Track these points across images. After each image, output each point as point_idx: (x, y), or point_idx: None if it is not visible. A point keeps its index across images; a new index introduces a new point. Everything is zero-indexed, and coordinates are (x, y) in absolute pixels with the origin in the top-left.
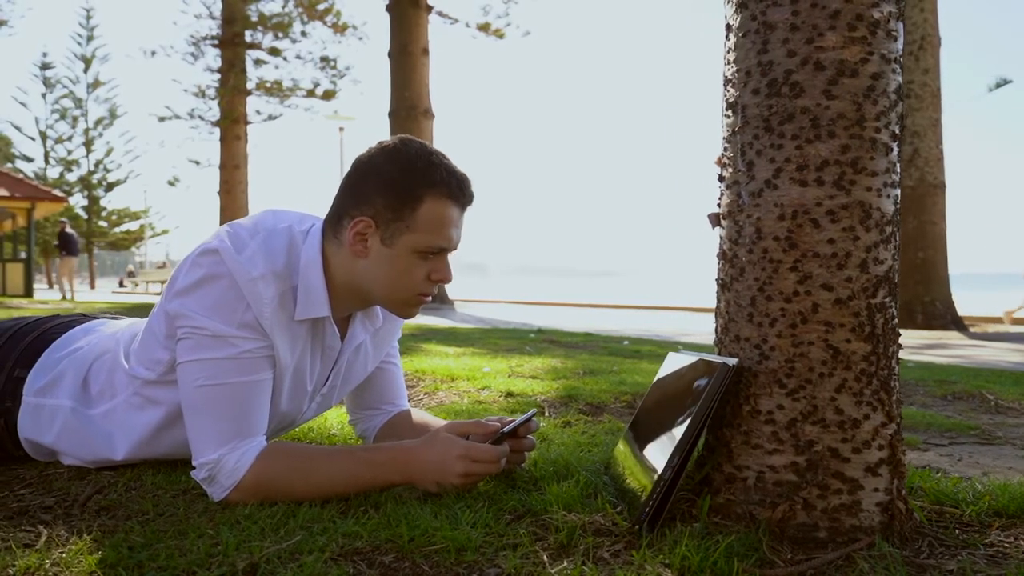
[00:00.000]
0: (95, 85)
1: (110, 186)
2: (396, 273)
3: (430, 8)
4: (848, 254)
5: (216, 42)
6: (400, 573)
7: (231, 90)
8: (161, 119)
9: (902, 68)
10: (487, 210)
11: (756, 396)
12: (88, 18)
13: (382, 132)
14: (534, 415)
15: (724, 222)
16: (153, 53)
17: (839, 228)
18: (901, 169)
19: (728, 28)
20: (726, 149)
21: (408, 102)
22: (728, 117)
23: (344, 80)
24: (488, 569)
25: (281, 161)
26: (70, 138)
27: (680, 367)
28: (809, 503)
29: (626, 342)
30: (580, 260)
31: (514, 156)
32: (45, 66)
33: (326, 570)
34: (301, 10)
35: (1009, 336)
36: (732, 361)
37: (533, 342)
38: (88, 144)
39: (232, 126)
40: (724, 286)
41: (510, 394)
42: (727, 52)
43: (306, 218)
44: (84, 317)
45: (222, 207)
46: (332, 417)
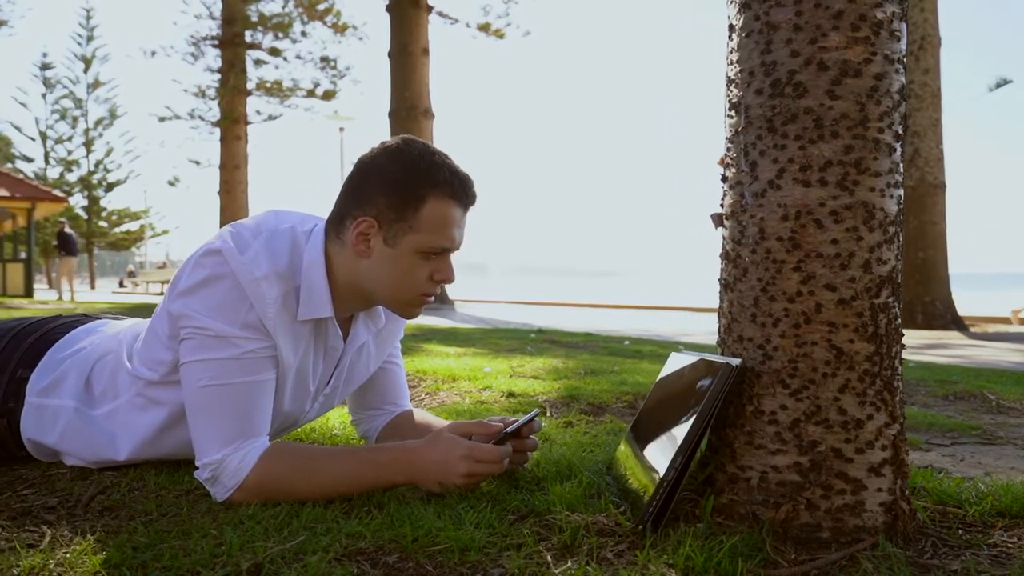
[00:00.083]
0: (95, 85)
1: (110, 186)
2: (399, 273)
3: (430, 8)
4: (851, 254)
5: (216, 42)
6: (404, 573)
7: (231, 90)
8: (161, 119)
9: (905, 68)
10: (488, 210)
11: (759, 396)
12: (88, 18)
13: (382, 132)
14: (536, 415)
15: (727, 222)
16: (153, 53)
17: (842, 228)
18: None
19: (731, 28)
20: (729, 149)
21: (408, 102)
22: (731, 117)
23: (344, 80)
24: (492, 569)
25: (281, 161)
26: (70, 138)
27: (683, 367)
28: (813, 503)
29: (627, 342)
30: (580, 260)
31: (514, 156)
32: (45, 66)
33: (330, 570)
34: (301, 10)
35: (1009, 336)
36: (735, 361)
37: (534, 342)
38: (88, 144)
39: (232, 126)
40: (727, 286)
41: (511, 394)
42: (730, 52)
43: (308, 218)
44: (86, 317)
45: (222, 207)
46: (334, 417)
